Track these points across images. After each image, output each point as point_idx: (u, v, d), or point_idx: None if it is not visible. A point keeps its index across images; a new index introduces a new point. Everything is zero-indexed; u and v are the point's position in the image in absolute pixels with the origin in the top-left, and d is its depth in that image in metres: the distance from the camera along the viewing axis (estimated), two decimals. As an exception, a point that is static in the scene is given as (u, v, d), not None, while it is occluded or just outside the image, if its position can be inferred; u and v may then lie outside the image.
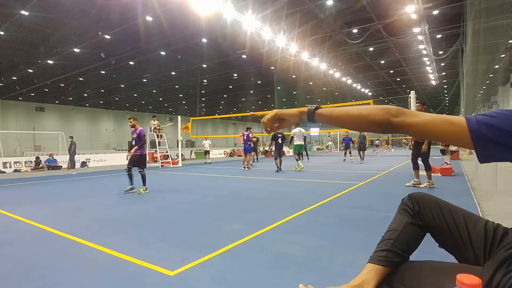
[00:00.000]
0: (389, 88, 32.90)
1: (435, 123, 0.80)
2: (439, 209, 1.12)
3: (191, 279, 2.07)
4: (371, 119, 0.85)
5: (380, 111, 0.85)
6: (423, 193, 1.19)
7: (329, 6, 13.84)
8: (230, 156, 24.85)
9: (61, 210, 4.54)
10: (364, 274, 1.07)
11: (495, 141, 0.72)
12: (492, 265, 0.85)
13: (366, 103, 11.01)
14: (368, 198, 4.98)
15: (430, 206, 1.13)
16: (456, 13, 13.75)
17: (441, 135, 0.80)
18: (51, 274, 2.22)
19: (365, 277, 1.06)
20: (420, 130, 0.82)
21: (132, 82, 27.11)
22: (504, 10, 7.23)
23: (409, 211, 1.15)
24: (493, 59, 14.17)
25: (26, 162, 13.76)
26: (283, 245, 2.72)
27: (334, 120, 0.92)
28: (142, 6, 12.80)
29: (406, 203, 1.18)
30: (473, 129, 0.74)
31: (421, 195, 1.18)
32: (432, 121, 0.80)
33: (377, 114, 0.85)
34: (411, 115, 0.82)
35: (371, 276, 1.05)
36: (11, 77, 22.49)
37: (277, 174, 9.26)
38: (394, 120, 0.83)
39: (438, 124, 0.79)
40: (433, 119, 0.80)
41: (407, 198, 1.19)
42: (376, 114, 0.85)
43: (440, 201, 1.15)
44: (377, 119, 0.85)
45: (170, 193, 6.21)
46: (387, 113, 0.84)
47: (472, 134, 0.74)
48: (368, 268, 1.08)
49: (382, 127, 0.85)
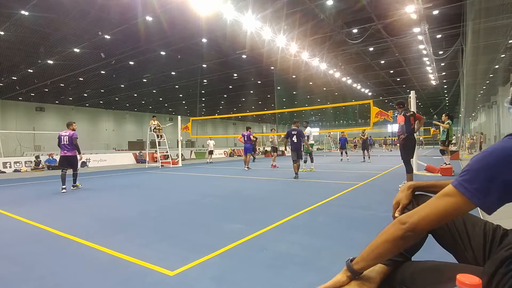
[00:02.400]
0: (389, 88, 32.90)
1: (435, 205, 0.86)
2: None
3: (191, 279, 2.07)
4: (394, 239, 0.91)
5: (392, 226, 0.93)
6: (423, 193, 1.19)
7: (329, 6, 13.84)
8: (230, 156, 24.85)
9: (61, 210, 4.54)
10: (369, 270, 1.08)
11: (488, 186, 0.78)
12: (492, 265, 0.85)
13: (366, 103, 10.98)
14: (368, 198, 4.98)
15: None
16: (456, 13, 13.74)
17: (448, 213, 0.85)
18: (51, 274, 2.23)
19: (370, 273, 1.07)
20: (430, 220, 0.86)
21: (132, 82, 27.10)
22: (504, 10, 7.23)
23: (407, 211, 1.15)
24: (493, 59, 14.17)
25: (26, 162, 13.76)
26: (283, 245, 2.72)
27: (371, 260, 1.00)
28: (142, 6, 12.79)
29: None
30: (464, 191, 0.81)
31: (421, 195, 1.18)
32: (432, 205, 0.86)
33: (393, 231, 0.92)
34: (414, 213, 0.89)
35: (376, 271, 1.06)
36: (11, 77, 22.47)
37: (277, 174, 9.24)
38: (406, 227, 0.88)
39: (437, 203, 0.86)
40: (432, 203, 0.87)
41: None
42: (392, 232, 0.92)
43: None
44: (396, 235, 0.91)
45: (170, 193, 6.21)
46: (396, 225, 0.91)
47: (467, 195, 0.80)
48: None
49: (406, 238, 0.90)
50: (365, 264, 1.01)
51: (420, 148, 29.90)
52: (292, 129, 8.20)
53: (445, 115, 9.08)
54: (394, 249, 0.94)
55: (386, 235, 0.94)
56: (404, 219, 0.89)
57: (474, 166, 0.81)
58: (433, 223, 0.87)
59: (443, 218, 0.86)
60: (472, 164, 0.82)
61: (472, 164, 0.82)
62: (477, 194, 0.79)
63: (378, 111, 8.34)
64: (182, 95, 35.23)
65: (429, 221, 0.86)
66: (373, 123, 8.58)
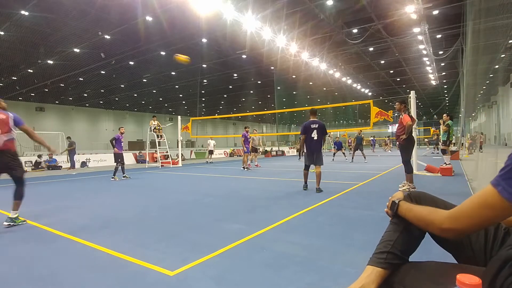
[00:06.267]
0: (389, 88, 32.91)
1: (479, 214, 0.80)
2: (436, 207, 1.11)
3: (191, 279, 2.07)
4: (434, 229, 0.94)
5: (439, 220, 0.91)
6: (421, 191, 1.19)
7: (329, 6, 13.85)
8: (230, 156, 24.85)
9: (61, 210, 4.54)
10: (364, 277, 1.05)
11: None
12: (494, 265, 0.84)
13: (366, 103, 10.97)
14: (368, 198, 4.98)
15: (428, 205, 1.13)
16: (456, 13, 13.76)
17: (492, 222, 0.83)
18: (51, 274, 2.22)
19: (365, 281, 1.04)
20: (475, 228, 0.84)
21: (132, 82, 27.12)
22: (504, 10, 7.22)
23: None
24: (493, 59, 14.15)
25: (26, 162, 13.75)
26: (283, 245, 2.72)
27: (410, 218, 1.04)
28: (142, 6, 12.80)
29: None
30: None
31: (420, 193, 1.17)
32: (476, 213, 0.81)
33: (437, 226, 0.91)
34: (460, 218, 0.84)
35: (371, 279, 1.03)
36: (11, 77, 22.49)
37: (277, 173, 9.22)
38: (452, 234, 0.88)
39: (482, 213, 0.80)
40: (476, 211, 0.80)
41: (405, 198, 1.18)
42: (436, 226, 0.92)
43: (437, 200, 1.15)
44: (438, 230, 0.92)
45: (170, 193, 6.21)
46: (441, 225, 0.90)
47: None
48: (368, 271, 1.06)
49: (445, 235, 0.91)
50: (404, 214, 1.07)
51: (427, 148, 29.86)
52: (311, 121, 5.81)
53: (446, 115, 9.09)
54: (428, 229, 0.99)
55: (427, 223, 0.95)
56: (447, 225, 0.87)
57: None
58: (477, 230, 0.89)
59: (487, 225, 0.87)
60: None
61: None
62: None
63: (378, 111, 8.33)
64: (182, 95, 35.25)
65: (473, 230, 0.86)
66: (373, 123, 8.57)
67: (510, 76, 21.54)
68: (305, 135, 5.78)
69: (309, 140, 5.75)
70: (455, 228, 0.85)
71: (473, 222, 0.81)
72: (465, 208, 0.83)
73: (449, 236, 0.89)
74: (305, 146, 5.83)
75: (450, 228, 0.86)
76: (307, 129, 5.76)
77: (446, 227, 0.86)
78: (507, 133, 26.51)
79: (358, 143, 14.39)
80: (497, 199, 0.75)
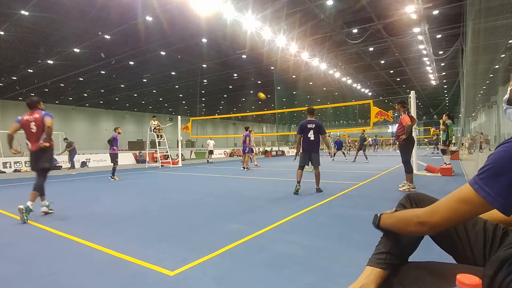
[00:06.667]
0: (389, 88, 32.90)
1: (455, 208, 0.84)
2: None
3: (191, 279, 2.07)
4: (411, 231, 0.97)
5: (412, 220, 0.95)
6: (420, 193, 1.19)
7: (329, 6, 13.84)
8: (230, 156, 24.86)
9: (61, 210, 4.53)
10: (364, 278, 1.05)
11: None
12: (493, 265, 0.84)
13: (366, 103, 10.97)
14: (368, 198, 4.98)
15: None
16: (456, 13, 13.74)
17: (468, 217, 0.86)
18: (51, 274, 2.23)
19: (364, 281, 1.04)
20: (450, 223, 0.88)
21: (132, 82, 27.11)
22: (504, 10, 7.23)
23: None
24: (493, 59, 14.16)
25: (26, 162, 13.75)
26: (283, 245, 2.72)
27: (390, 226, 1.07)
28: (142, 6, 12.79)
29: (404, 203, 1.17)
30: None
31: (418, 195, 1.17)
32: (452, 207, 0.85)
33: (413, 226, 0.94)
34: (433, 212, 0.88)
35: (370, 280, 1.03)
36: (11, 77, 22.48)
37: (277, 173, 9.21)
38: (426, 229, 0.91)
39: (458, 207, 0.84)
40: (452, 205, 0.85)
41: (404, 199, 1.18)
42: (411, 227, 0.95)
43: (436, 201, 1.15)
44: (415, 231, 0.95)
45: (170, 193, 6.21)
46: (416, 224, 0.93)
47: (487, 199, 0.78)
48: (368, 271, 1.06)
49: (422, 234, 0.97)
50: (385, 224, 1.09)
51: (427, 148, 29.86)
52: (308, 120, 5.68)
53: (446, 115, 9.09)
54: (409, 234, 1.02)
55: (406, 221, 0.97)
56: (424, 218, 0.90)
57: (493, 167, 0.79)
58: (452, 224, 0.90)
59: (463, 220, 0.87)
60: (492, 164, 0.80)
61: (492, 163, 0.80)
62: (499, 199, 0.76)
63: (378, 111, 8.33)
64: (182, 95, 35.24)
65: (449, 224, 0.88)
66: (373, 123, 8.58)
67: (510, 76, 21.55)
68: (302, 134, 5.63)
69: (305, 140, 5.59)
70: (431, 222, 0.88)
71: (449, 216, 0.85)
72: (442, 203, 0.87)
73: (426, 230, 0.91)
74: (302, 147, 5.66)
75: (426, 221, 0.89)
76: (304, 128, 5.61)
77: (422, 220, 0.90)
78: (507, 133, 26.49)
79: (361, 143, 14.40)
80: (474, 196, 0.80)
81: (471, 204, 0.80)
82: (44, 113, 4.23)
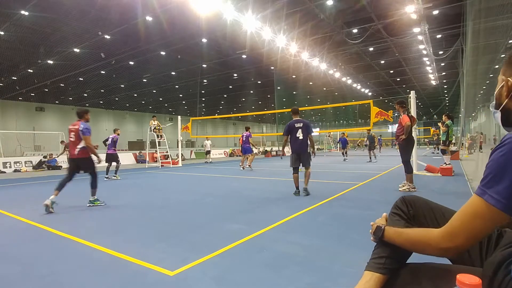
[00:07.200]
0: (389, 88, 32.90)
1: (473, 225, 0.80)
2: (432, 213, 1.11)
3: (191, 279, 2.07)
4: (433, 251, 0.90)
5: (435, 240, 0.88)
6: (416, 196, 1.18)
7: (329, 6, 13.84)
8: (230, 156, 24.85)
9: (61, 210, 4.54)
10: (363, 284, 1.03)
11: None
12: (491, 266, 0.84)
13: (366, 103, 10.98)
14: (368, 198, 4.98)
15: (423, 210, 1.13)
16: (456, 13, 13.74)
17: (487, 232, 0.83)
18: (51, 274, 2.23)
19: (364, 287, 1.02)
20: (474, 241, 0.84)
21: (132, 82, 27.11)
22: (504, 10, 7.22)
23: (404, 215, 1.14)
24: (493, 59, 14.16)
25: (26, 162, 13.76)
26: (283, 245, 2.72)
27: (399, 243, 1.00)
28: (142, 6, 12.79)
29: (400, 206, 1.16)
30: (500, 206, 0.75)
31: (415, 198, 1.17)
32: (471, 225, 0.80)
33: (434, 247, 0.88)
34: (457, 234, 0.83)
35: (370, 286, 1.01)
36: (11, 77, 22.49)
37: (277, 173, 9.20)
38: (452, 253, 0.88)
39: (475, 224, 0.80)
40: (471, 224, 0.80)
41: (400, 202, 1.17)
42: (432, 248, 0.89)
43: (432, 204, 1.15)
44: (437, 252, 0.89)
45: (170, 193, 6.21)
46: (440, 245, 0.87)
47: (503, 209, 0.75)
48: (367, 277, 1.04)
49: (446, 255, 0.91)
50: (392, 240, 1.03)
51: (427, 148, 29.85)
52: (295, 120, 5.49)
53: (445, 115, 9.09)
54: (425, 253, 0.94)
55: (423, 247, 0.92)
56: (446, 244, 0.85)
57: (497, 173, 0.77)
58: (477, 242, 0.88)
59: (486, 235, 0.87)
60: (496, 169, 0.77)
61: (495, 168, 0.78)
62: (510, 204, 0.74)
63: (378, 111, 8.33)
64: (182, 95, 35.24)
65: (474, 242, 0.85)
66: (373, 123, 8.58)
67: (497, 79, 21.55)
68: (289, 135, 5.47)
69: (293, 140, 5.40)
70: (454, 246, 0.83)
71: (470, 236, 0.81)
72: (458, 223, 0.83)
73: (449, 255, 0.88)
74: (290, 148, 5.50)
75: (449, 247, 0.84)
76: (292, 129, 5.41)
77: (444, 246, 0.85)
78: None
79: (371, 143, 14.31)
80: (485, 207, 0.77)
81: (486, 217, 0.77)
82: (83, 127, 4.55)
